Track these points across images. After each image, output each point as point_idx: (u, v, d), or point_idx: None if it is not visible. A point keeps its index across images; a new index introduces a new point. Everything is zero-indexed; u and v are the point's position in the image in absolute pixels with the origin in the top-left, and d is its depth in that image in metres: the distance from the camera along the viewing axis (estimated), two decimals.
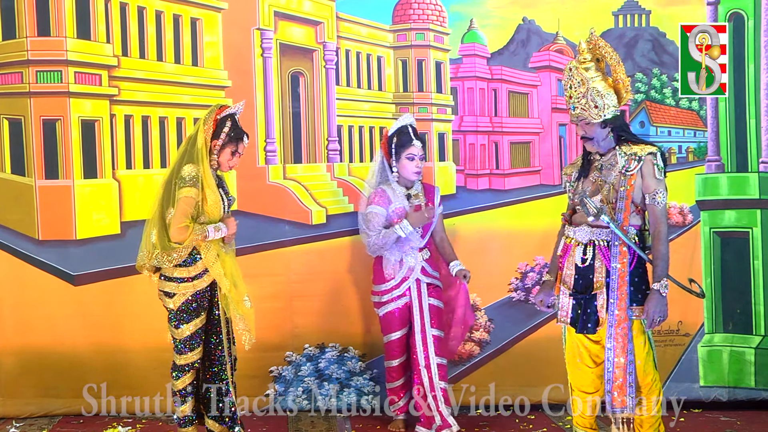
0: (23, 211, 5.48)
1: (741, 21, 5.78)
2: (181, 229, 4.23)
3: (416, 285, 5.00)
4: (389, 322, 5.06)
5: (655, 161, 4.03)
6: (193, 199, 4.26)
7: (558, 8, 5.81)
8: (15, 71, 5.44)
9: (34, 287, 5.48)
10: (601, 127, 4.09)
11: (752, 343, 5.73)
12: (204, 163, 4.32)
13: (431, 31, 5.87)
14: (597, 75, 4.08)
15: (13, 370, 5.51)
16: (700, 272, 5.72)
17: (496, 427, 5.31)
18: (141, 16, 5.56)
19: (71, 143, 5.45)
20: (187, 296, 4.34)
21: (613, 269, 4.03)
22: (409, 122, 5.05)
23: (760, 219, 5.75)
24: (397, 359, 5.11)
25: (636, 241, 4.06)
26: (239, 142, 4.42)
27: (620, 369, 4.02)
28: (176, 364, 4.43)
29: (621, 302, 4.01)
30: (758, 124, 5.76)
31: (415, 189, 5.06)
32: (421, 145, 5.00)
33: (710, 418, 5.45)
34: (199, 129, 4.36)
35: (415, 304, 5.01)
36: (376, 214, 4.96)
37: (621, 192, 4.04)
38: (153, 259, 4.31)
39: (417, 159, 4.97)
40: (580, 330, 4.14)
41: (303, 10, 5.79)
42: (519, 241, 5.77)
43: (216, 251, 4.36)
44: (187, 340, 4.38)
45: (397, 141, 4.98)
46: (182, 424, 4.46)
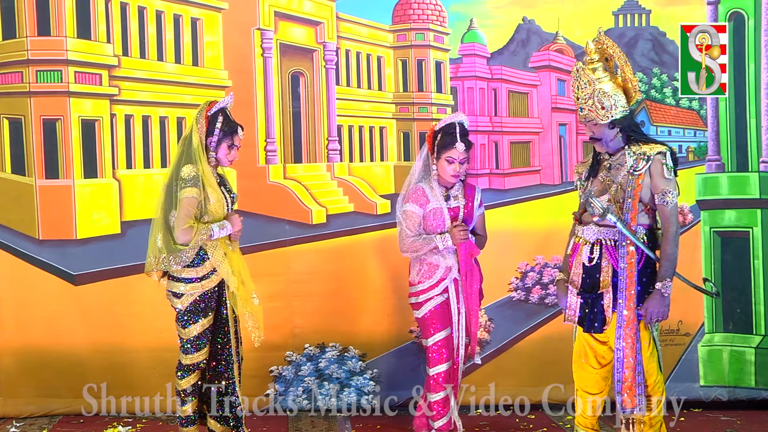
0: (23, 211, 5.49)
1: (741, 20, 5.78)
2: (186, 230, 4.22)
3: (454, 285, 4.72)
4: (432, 320, 4.69)
5: (664, 161, 3.99)
6: (195, 199, 4.26)
7: (558, 8, 5.81)
8: (15, 71, 5.45)
9: (34, 287, 5.49)
10: (609, 128, 4.06)
11: (752, 343, 5.73)
12: (202, 162, 4.31)
13: (431, 31, 5.87)
14: (605, 75, 4.04)
15: (13, 370, 5.51)
16: (701, 272, 5.71)
17: (496, 427, 5.30)
18: (141, 16, 5.56)
19: (71, 143, 5.45)
20: (195, 296, 4.34)
21: (621, 269, 4.00)
22: (458, 120, 4.69)
23: (761, 219, 5.75)
24: (445, 363, 4.68)
25: (645, 241, 4.02)
26: (234, 135, 4.41)
27: (630, 369, 4.00)
28: (182, 363, 4.42)
29: (629, 302, 3.98)
30: (758, 124, 5.76)
31: (456, 189, 4.77)
32: (464, 148, 4.62)
33: (710, 418, 5.44)
34: (193, 129, 4.35)
35: (453, 304, 4.72)
36: (414, 213, 4.68)
37: (628, 192, 4.01)
38: (161, 264, 4.31)
39: (456, 163, 4.62)
40: (587, 329, 4.12)
41: (303, 10, 5.79)
42: (519, 241, 5.77)
43: (223, 250, 4.36)
44: (194, 340, 4.37)
45: (441, 140, 4.64)
46: (184, 424, 4.46)
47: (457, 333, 4.71)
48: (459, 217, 4.71)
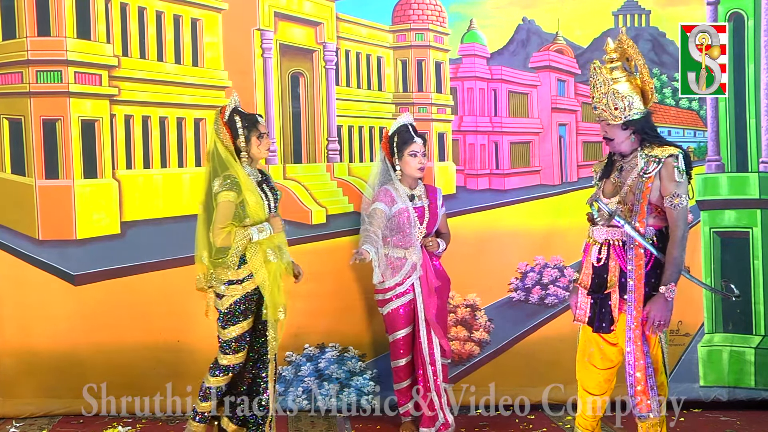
0: (23, 211, 5.48)
1: (741, 21, 5.78)
2: (222, 232, 4.26)
3: (419, 282, 5.00)
4: (394, 320, 5.04)
5: (676, 163, 3.94)
6: (232, 202, 4.29)
7: (558, 8, 5.81)
8: (15, 71, 5.45)
9: (34, 287, 5.49)
10: (622, 129, 4.02)
11: (752, 343, 5.73)
12: (236, 167, 4.35)
13: (431, 31, 5.87)
14: (621, 76, 4.02)
15: (13, 370, 5.51)
16: (701, 272, 5.72)
17: (496, 427, 5.30)
18: (141, 17, 5.56)
19: (71, 143, 5.45)
20: (235, 298, 4.38)
21: (629, 271, 3.98)
22: (408, 121, 5.07)
23: (760, 219, 5.75)
24: (404, 358, 5.08)
25: (654, 242, 3.99)
26: (257, 124, 4.45)
27: (641, 372, 3.97)
28: (218, 363, 4.44)
29: (638, 304, 3.96)
30: (758, 124, 5.76)
31: (419, 190, 5.08)
32: (422, 142, 5.02)
33: (710, 418, 5.44)
34: (216, 142, 4.38)
35: (419, 302, 5.00)
36: (381, 210, 4.96)
37: (637, 195, 3.98)
38: (210, 280, 4.40)
39: (420, 155, 4.99)
40: (596, 329, 4.11)
41: (303, 11, 5.79)
42: (519, 241, 5.77)
43: (263, 257, 4.39)
44: (233, 341, 4.41)
45: (399, 139, 5.00)
46: (198, 419, 4.47)
47: (425, 331, 4.97)
48: (424, 217, 5.02)
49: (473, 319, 5.74)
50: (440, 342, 5.00)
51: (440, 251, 5.10)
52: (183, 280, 5.47)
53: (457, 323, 5.73)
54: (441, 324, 5.05)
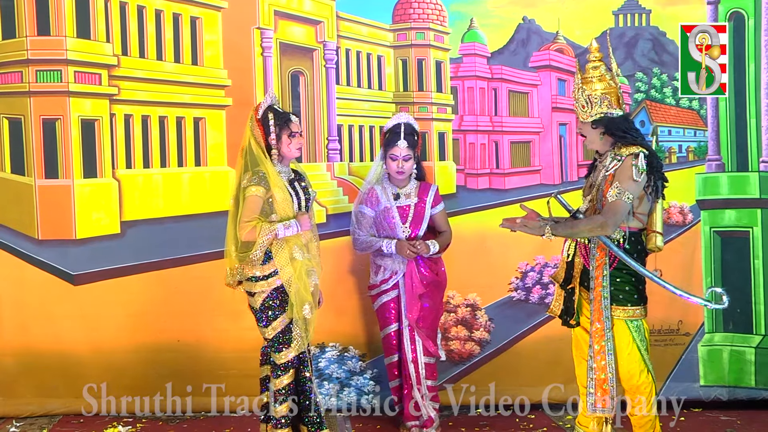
0: (23, 211, 5.48)
1: (741, 20, 5.77)
2: (248, 226, 4.27)
3: (403, 280, 4.99)
4: (383, 314, 5.08)
5: (635, 162, 3.96)
6: (259, 197, 4.31)
7: (558, 8, 5.80)
8: (15, 71, 5.44)
9: (34, 287, 5.48)
10: (592, 128, 4.11)
11: (752, 343, 5.73)
12: (266, 163, 4.37)
13: (431, 30, 5.86)
14: (595, 76, 4.09)
15: (13, 370, 5.50)
16: (701, 272, 5.72)
17: (496, 427, 5.30)
18: (141, 15, 5.55)
19: (71, 143, 5.44)
20: (266, 293, 4.39)
21: (591, 269, 4.10)
22: (403, 121, 5.00)
23: (761, 218, 5.75)
24: (395, 355, 5.09)
25: (620, 243, 4.03)
26: (289, 123, 4.46)
27: (600, 370, 4.07)
28: (276, 363, 4.43)
29: (596, 303, 4.06)
30: (758, 124, 5.76)
31: (408, 188, 5.06)
32: (406, 146, 4.92)
33: (710, 418, 5.44)
34: (249, 138, 4.41)
35: (403, 301, 5.01)
36: (365, 215, 5.03)
37: (600, 194, 4.06)
38: (237, 276, 4.40)
39: (400, 159, 4.92)
40: (563, 322, 4.27)
41: (303, 10, 5.78)
42: (519, 241, 5.71)
43: (289, 254, 4.38)
44: (280, 336, 4.41)
45: (386, 139, 5.01)
46: (278, 426, 4.44)
47: (408, 329, 4.98)
48: (408, 216, 5.00)
49: (473, 318, 5.74)
50: (423, 343, 4.99)
51: (432, 253, 4.97)
52: (183, 280, 5.49)
53: (458, 323, 5.73)
54: (427, 325, 5.02)
